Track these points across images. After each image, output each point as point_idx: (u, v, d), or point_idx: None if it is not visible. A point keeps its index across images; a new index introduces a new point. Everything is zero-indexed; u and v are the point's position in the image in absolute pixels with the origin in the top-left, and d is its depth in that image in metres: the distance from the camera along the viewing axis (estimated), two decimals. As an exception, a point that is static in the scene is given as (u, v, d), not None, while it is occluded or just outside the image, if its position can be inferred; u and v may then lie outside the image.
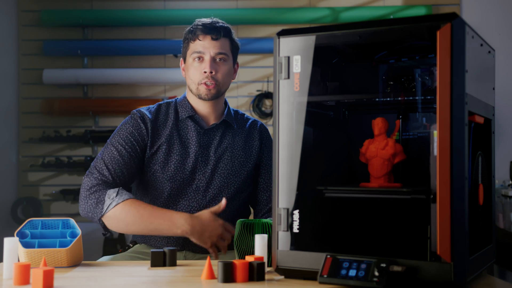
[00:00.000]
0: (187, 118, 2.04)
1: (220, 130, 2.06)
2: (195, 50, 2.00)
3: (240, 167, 2.05)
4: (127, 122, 2.02)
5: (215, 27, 2.00)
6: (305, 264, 1.44)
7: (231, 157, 2.04)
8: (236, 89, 4.47)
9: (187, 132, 2.03)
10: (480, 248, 1.49)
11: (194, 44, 2.01)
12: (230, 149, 2.05)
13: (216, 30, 2.00)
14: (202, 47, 2.00)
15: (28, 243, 1.61)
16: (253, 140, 2.11)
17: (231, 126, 2.08)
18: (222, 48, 2.01)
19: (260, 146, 2.11)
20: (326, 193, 1.55)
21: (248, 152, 2.08)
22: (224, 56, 2.01)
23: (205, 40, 2.00)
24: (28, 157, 4.46)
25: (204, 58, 2.00)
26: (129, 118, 2.04)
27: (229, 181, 2.03)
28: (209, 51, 1.99)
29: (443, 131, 1.30)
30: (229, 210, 2.03)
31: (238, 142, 2.08)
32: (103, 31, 4.49)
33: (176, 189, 1.99)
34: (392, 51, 1.59)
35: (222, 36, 2.01)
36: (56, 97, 4.46)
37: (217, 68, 2.00)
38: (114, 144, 1.97)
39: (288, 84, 1.50)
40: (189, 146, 2.02)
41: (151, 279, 1.50)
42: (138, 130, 2.00)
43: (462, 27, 1.32)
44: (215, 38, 2.00)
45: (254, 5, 4.48)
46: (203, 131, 2.04)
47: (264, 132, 2.15)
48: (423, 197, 1.38)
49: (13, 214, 4.35)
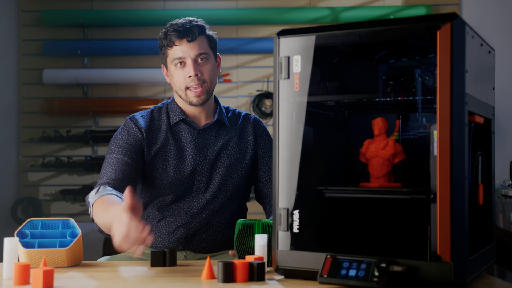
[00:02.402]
0: (179, 121, 2.03)
1: (214, 130, 2.05)
2: (174, 56, 1.96)
3: (237, 163, 2.04)
4: (121, 131, 2.00)
5: (188, 29, 1.95)
6: (305, 264, 1.44)
7: (227, 155, 2.03)
8: (236, 89, 4.46)
9: (181, 135, 2.02)
10: (480, 248, 1.49)
11: (172, 50, 1.96)
12: (226, 147, 2.04)
13: (190, 32, 1.95)
14: (181, 52, 1.95)
15: (28, 243, 1.61)
16: (247, 135, 2.09)
17: (224, 124, 2.07)
18: (201, 48, 1.96)
19: (255, 140, 2.09)
20: (326, 193, 1.55)
21: (243, 148, 2.07)
22: (205, 55, 1.97)
23: (182, 44, 1.95)
24: (28, 157, 4.46)
25: (186, 62, 1.96)
26: (123, 126, 2.02)
27: (227, 178, 2.02)
28: (189, 54, 1.95)
29: (443, 131, 1.30)
30: (229, 208, 2.03)
31: (233, 139, 2.06)
32: (103, 31, 4.49)
33: (177, 192, 1.99)
34: (392, 51, 1.59)
35: (197, 36, 1.96)
36: (56, 97, 4.45)
37: (201, 70, 1.96)
38: (113, 153, 1.96)
39: (288, 84, 1.50)
40: (185, 149, 2.01)
41: (151, 279, 1.50)
42: (133, 136, 1.98)
43: (462, 27, 1.32)
44: (191, 40, 1.95)
45: (254, 5, 4.47)
46: (197, 132, 2.03)
47: (258, 125, 2.12)
48: (423, 197, 1.38)
49: (13, 214, 4.35)
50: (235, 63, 4.45)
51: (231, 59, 4.43)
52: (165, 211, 2.01)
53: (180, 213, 1.99)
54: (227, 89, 4.46)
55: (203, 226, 2.00)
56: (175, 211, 2.00)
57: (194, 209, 1.99)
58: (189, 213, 1.99)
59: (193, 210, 1.99)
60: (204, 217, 2.00)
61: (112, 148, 1.98)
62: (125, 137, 1.98)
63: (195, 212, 1.99)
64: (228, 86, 4.45)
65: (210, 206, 2.00)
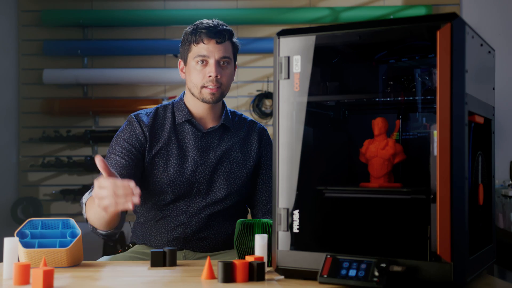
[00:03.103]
0: (184, 122, 2.04)
1: (218, 133, 2.05)
2: (199, 53, 1.98)
3: (239, 169, 2.04)
4: (124, 129, 2.01)
5: (219, 31, 1.98)
6: (305, 264, 1.44)
7: (229, 160, 2.04)
8: (236, 89, 4.46)
9: (184, 136, 2.03)
10: (480, 248, 1.49)
11: (198, 47, 1.98)
12: (229, 151, 2.04)
13: (221, 34, 1.98)
14: (207, 50, 1.97)
15: (28, 243, 1.61)
16: (251, 142, 2.10)
17: (229, 129, 2.08)
18: (226, 52, 1.99)
19: (259, 147, 2.10)
20: (326, 193, 1.54)
21: (246, 154, 2.07)
22: (228, 60, 2.00)
23: (210, 43, 1.97)
24: (28, 157, 4.46)
25: (209, 62, 1.98)
26: (126, 123, 2.02)
27: (229, 183, 2.02)
28: (214, 55, 1.97)
29: (443, 131, 1.30)
30: (228, 211, 2.03)
31: (236, 144, 2.07)
32: (103, 31, 4.49)
33: (177, 193, 1.99)
34: (392, 51, 1.59)
35: (226, 40, 2.00)
36: (56, 97, 4.46)
37: (221, 72, 1.99)
38: (113, 153, 1.96)
39: (288, 84, 1.50)
40: (187, 150, 2.01)
41: (151, 279, 1.50)
42: (136, 135, 1.99)
43: (462, 27, 1.32)
44: (220, 42, 1.98)
45: (254, 5, 4.47)
46: (201, 135, 2.03)
47: (263, 134, 2.13)
48: (423, 197, 1.38)
49: (13, 214, 4.35)
50: (235, 63, 4.44)
51: (231, 59, 4.43)
52: (165, 210, 2.01)
53: (179, 212, 1.99)
54: (227, 89, 4.45)
55: (202, 226, 2.00)
56: (174, 210, 2.00)
57: (193, 209, 1.99)
58: (188, 213, 1.99)
59: (192, 210, 1.99)
60: (203, 217, 2.00)
61: (113, 147, 1.98)
62: (127, 136, 1.99)
63: (194, 212, 1.99)
64: (228, 86, 4.45)
65: (209, 208, 2.00)
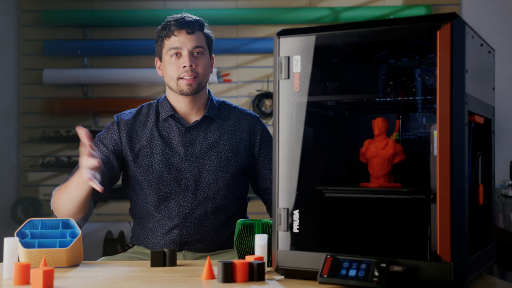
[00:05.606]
0: (168, 117, 2.03)
1: (203, 126, 2.03)
2: (171, 46, 2.00)
3: (227, 162, 2.01)
4: (104, 128, 2.06)
5: (188, 22, 2.00)
6: (305, 264, 1.44)
7: (217, 153, 2.01)
8: (236, 89, 4.46)
9: (169, 132, 2.02)
10: (480, 248, 1.49)
11: (170, 40, 2.00)
12: (216, 144, 2.02)
13: (191, 24, 2.00)
14: (179, 42, 1.99)
15: (28, 243, 1.61)
16: (241, 133, 2.06)
17: (214, 120, 2.05)
18: (198, 42, 2.01)
19: (250, 138, 2.06)
20: (326, 193, 1.54)
21: (235, 146, 2.04)
22: (201, 50, 2.01)
23: (181, 35, 1.99)
24: (28, 157, 4.46)
25: (182, 53, 1.99)
26: (109, 123, 2.07)
27: (217, 177, 2.00)
28: (186, 46, 1.99)
29: (443, 131, 1.30)
30: (223, 209, 2.00)
31: (224, 136, 2.04)
32: (103, 31, 4.49)
33: (164, 190, 1.98)
34: (392, 51, 1.59)
35: (197, 30, 2.01)
36: (56, 97, 4.46)
37: (196, 62, 1.99)
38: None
39: (288, 84, 1.50)
40: (173, 146, 2.00)
41: (151, 279, 1.50)
42: (110, 134, 2.02)
43: (462, 27, 1.32)
44: (191, 32, 2.00)
45: (254, 5, 4.47)
46: (185, 129, 2.02)
47: (255, 123, 2.09)
48: (423, 197, 1.38)
49: (13, 214, 4.35)
50: (235, 63, 4.45)
51: (231, 59, 4.43)
52: (157, 212, 1.98)
53: (172, 214, 1.97)
54: (227, 89, 4.46)
55: (197, 227, 1.98)
56: (167, 212, 1.98)
57: (186, 209, 1.97)
58: (181, 214, 1.97)
59: (185, 211, 1.97)
60: (197, 217, 1.97)
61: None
62: (103, 134, 2.04)
63: (187, 212, 1.97)
64: (228, 86, 4.45)
65: (201, 206, 1.98)
